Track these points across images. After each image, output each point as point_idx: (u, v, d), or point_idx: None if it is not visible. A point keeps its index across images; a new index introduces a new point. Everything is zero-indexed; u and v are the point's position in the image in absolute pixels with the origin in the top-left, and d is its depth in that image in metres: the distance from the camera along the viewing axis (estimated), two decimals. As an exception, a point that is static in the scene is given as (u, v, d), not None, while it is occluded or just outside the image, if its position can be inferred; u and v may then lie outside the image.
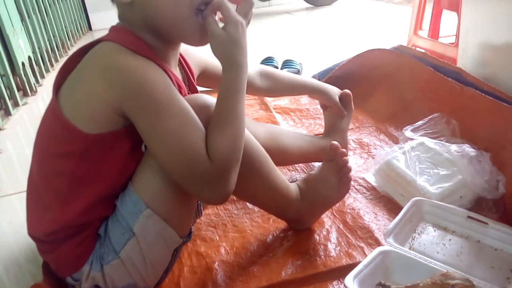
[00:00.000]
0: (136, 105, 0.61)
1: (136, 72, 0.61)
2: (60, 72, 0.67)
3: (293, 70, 1.91)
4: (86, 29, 3.53)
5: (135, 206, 0.66)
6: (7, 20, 1.86)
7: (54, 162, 0.66)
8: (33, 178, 0.70)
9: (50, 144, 0.66)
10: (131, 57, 0.63)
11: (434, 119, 1.09)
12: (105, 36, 0.66)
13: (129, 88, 0.61)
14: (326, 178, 0.85)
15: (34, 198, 0.70)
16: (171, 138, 0.62)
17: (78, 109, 0.63)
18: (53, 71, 2.39)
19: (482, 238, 0.81)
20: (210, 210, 0.98)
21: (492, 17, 1.18)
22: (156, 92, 0.62)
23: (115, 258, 0.67)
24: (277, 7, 3.91)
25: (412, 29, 1.86)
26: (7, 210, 1.13)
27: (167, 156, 0.63)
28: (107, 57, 0.63)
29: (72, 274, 0.69)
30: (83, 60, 0.65)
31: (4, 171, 1.35)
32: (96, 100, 0.62)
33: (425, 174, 0.94)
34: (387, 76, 1.43)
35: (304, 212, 0.86)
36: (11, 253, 0.94)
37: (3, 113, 1.74)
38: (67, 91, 0.65)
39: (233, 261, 0.83)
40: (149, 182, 0.67)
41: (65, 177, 0.65)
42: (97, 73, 0.62)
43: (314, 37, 2.73)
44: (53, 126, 0.65)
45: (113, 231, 0.67)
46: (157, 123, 0.62)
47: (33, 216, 0.70)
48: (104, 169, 0.66)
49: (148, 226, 0.66)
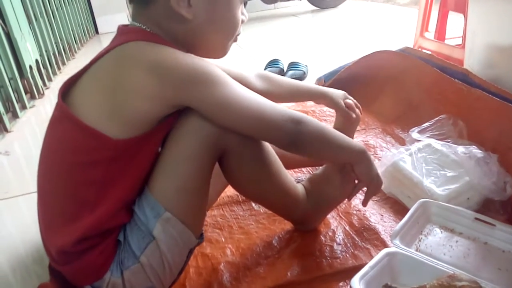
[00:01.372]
0: (196, 87, 0.65)
1: (180, 60, 0.64)
2: (67, 83, 0.68)
3: (299, 72, 1.92)
4: (93, 32, 3.56)
5: (153, 210, 0.67)
6: (15, 23, 1.88)
7: (81, 171, 0.64)
8: (52, 190, 0.67)
9: (73, 155, 0.65)
10: (168, 49, 0.65)
11: (440, 121, 1.09)
12: (125, 37, 0.66)
13: (182, 77, 0.64)
14: (330, 177, 0.86)
15: (54, 211, 0.67)
16: (246, 100, 0.68)
17: (109, 115, 0.63)
18: (60, 74, 2.41)
19: (489, 240, 0.80)
20: (216, 211, 0.98)
21: (499, 18, 1.18)
22: (208, 68, 0.66)
23: (135, 263, 0.67)
24: (283, 9, 3.92)
25: (418, 31, 1.86)
26: (15, 212, 1.14)
27: (246, 119, 0.68)
28: (147, 54, 0.64)
29: (94, 283, 0.68)
30: (109, 65, 0.65)
31: (12, 173, 1.36)
32: (143, 99, 0.63)
33: (432, 176, 0.94)
34: (394, 78, 1.42)
35: (310, 212, 0.86)
36: (18, 254, 0.95)
37: (11, 116, 1.75)
38: (88, 99, 0.65)
39: (239, 262, 0.83)
40: (165, 185, 0.68)
41: (94, 186, 0.64)
42: (142, 73, 0.62)
43: (320, 39, 2.73)
44: (75, 136, 0.64)
45: (132, 236, 0.68)
46: (227, 91, 0.66)
47: (54, 229, 0.67)
48: (130, 174, 0.66)
49: (167, 229, 0.67)
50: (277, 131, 0.69)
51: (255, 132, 0.70)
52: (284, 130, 0.69)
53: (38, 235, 0.96)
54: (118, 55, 0.65)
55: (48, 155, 0.68)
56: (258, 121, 0.68)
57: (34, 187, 0.71)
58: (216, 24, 0.71)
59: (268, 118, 0.68)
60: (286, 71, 1.95)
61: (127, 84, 0.63)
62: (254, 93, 0.70)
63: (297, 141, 0.70)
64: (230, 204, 1.01)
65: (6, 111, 1.70)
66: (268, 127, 0.69)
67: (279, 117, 0.69)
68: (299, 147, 0.72)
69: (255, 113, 0.68)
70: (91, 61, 0.67)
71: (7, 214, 1.13)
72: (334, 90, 1.01)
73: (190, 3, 0.67)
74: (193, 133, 0.68)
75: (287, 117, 0.69)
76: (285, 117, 0.69)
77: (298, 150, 0.74)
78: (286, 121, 0.69)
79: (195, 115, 0.67)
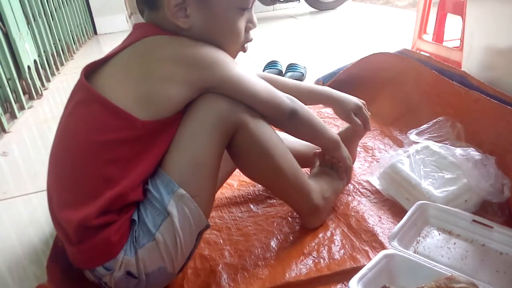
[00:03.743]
0: (217, 68, 0.72)
1: (199, 48, 0.71)
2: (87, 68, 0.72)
3: (298, 74, 1.92)
4: (91, 33, 3.55)
5: (168, 187, 0.69)
6: (13, 23, 1.88)
7: (106, 150, 0.67)
8: (71, 169, 0.69)
9: (98, 134, 0.67)
10: (186, 40, 0.72)
11: (439, 123, 1.09)
12: (144, 32, 0.72)
13: (204, 60, 0.71)
14: (326, 171, 0.95)
15: (74, 188, 0.68)
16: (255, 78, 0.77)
17: (139, 100, 0.68)
18: (59, 75, 2.41)
19: (487, 242, 0.81)
20: (214, 213, 0.98)
21: (497, 20, 1.18)
22: (223, 54, 0.74)
23: (150, 240, 0.68)
24: (281, 11, 3.93)
25: (416, 33, 1.86)
26: (12, 212, 1.13)
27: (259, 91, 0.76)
28: (172, 47, 0.71)
29: (106, 263, 0.68)
30: (136, 56, 0.71)
31: (10, 173, 1.36)
32: (172, 85, 0.69)
33: (430, 178, 0.94)
34: (392, 79, 1.43)
35: (320, 203, 0.88)
36: (16, 255, 0.94)
37: (9, 116, 1.75)
38: (116, 84, 0.69)
39: (237, 264, 0.83)
40: (179, 160, 0.71)
41: (118, 163, 0.67)
42: (169, 64, 0.69)
43: (319, 41, 2.74)
44: (102, 116, 0.67)
45: (147, 214, 0.69)
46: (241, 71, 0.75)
47: (74, 205, 0.67)
48: (152, 152, 0.70)
49: (181, 206, 0.69)
50: (281, 104, 0.79)
51: (265, 104, 0.77)
52: (286, 103, 0.79)
53: (36, 236, 0.96)
54: (143, 48, 0.70)
55: (69, 134, 0.70)
56: (266, 94, 0.77)
57: (32, 188, 0.71)
58: (214, 35, 0.75)
59: (274, 92, 0.79)
60: (285, 73, 1.95)
61: (156, 72, 0.68)
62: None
63: (294, 114, 0.80)
64: (228, 206, 1.01)
65: (4, 112, 1.70)
66: (274, 100, 0.78)
67: (279, 93, 0.80)
68: (295, 120, 0.81)
69: (264, 87, 0.77)
70: (111, 53, 0.73)
71: (5, 215, 1.12)
72: (346, 97, 0.96)
73: (187, 14, 0.71)
74: (207, 109, 0.72)
75: (285, 95, 0.80)
76: (284, 95, 0.80)
77: (293, 123, 0.82)
78: (285, 97, 0.80)
79: (208, 93, 0.73)
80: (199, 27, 0.73)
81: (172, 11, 0.70)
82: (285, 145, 0.82)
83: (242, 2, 0.75)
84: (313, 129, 0.86)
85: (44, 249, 0.78)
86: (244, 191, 1.06)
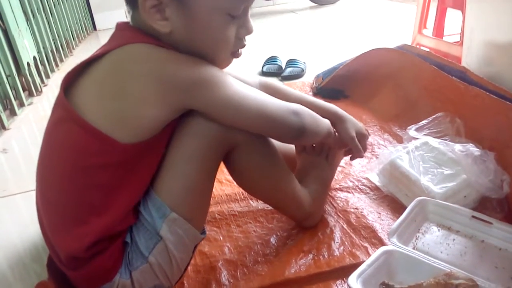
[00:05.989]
0: (199, 91, 0.64)
1: (181, 64, 0.64)
2: (66, 80, 0.65)
3: (297, 69, 1.92)
4: (91, 29, 3.55)
5: (159, 211, 0.67)
6: (12, 20, 1.87)
7: (87, 174, 0.63)
8: (55, 192, 0.66)
9: (78, 157, 0.63)
10: (168, 52, 0.64)
11: (438, 118, 1.09)
12: (125, 38, 0.65)
13: (184, 82, 0.63)
14: (314, 162, 0.93)
15: (59, 214, 0.65)
16: (251, 98, 0.68)
17: (115, 120, 0.62)
18: (58, 71, 2.41)
19: (486, 238, 0.81)
20: (214, 208, 0.98)
21: (497, 15, 1.17)
22: (210, 71, 0.66)
23: (144, 263, 0.67)
24: (281, 6, 3.91)
25: (416, 28, 1.86)
26: (12, 210, 1.14)
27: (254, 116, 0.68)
28: (150, 62, 0.62)
29: (103, 285, 0.67)
30: (113, 69, 0.63)
31: (10, 170, 1.36)
32: (147, 106, 0.62)
33: (429, 174, 0.94)
34: (391, 75, 1.42)
35: (313, 202, 0.87)
36: (16, 252, 0.95)
37: (9, 113, 1.75)
38: (93, 102, 0.63)
39: (237, 260, 0.83)
40: (171, 185, 0.68)
41: (100, 189, 0.63)
42: (145, 81, 0.61)
43: (318, 36, 2.73)
44: (81, 138, 0.62)
45: (139, 237, 0.68)
46: (230, 91, 0.66)
47: (62, 232, 0.65)
48: (137, 177, 0.66)
49: (174, 228, 0.67)
50: (284, 126, 0.71)
51: (263, 129, 0.72)
52: (290, 125, 0.71)
53: (36, 234, 0.96)
54: (118, 59, 0.63)
55: (50, 156, 0.67)
56: (264, 118, 0.69)
57: (32, 185, 0.70)
58: (198, 42, 0.67)
59: (274, 114, 0.70)
60: (284, 68, 1.95)
61: (130, 90, 0.62)
62: (255, 91, 0.71)
63: (302, 134, 0.73)
64: (228, 202, 1.01)
65: (3, 109, 1.70)
66: (274, 123, 0.70)
67: (283, 111, 0.71)
68: (302, 138, 0.75)
69: (260, 111, 0.69)
70: (92, 57, 0.65)
71: (5, 212, 1.13)
72: (354, 119, 0.91)
73: (165, 16, 0.64)
74: (198, 133, 0.68)
75: (289, 110, 0.71)
76: (288, 111, 0.71)
77: (300, 141, 0.79)
78: (289, 115, 0.71)
79: (199, 115, 0.67)
80: (181, 32, 0.65)
81: (148, 12, 0.63)
82: (281, 158, 0.80)
83: (230, 7, 0.66)
84: (318, 136, 0.79)
85: (45, 247, 0.78)
86: (243, 188, 1.06)
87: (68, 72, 0.65)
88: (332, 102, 0.90)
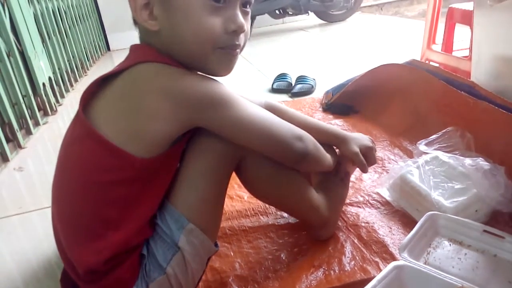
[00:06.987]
0: (208, 110, 0.67)
1: (191, 84, 0.67)
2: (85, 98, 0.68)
3: (307, 86, 1.93)
4: (104, 49, 3.63)
5: (177, 222, 0.69)
6: (29, 42, 1.93)
7: (103, 190, 0.65)
8: (71, 208, 0.67)
9: (95, 173, 0.65)
10: (178, 72, 0.67)
11: (448, 133, 1.09)
12: (137, 57, 0.68)
13: (194, 101, 0.66)
14: (330, 180, 0.93)
15: (77, 229, 0.67)
16: (257, 119, 0.71)
17: (130, 136, 0.65)
18: (73, 91, 2.46)
19: (498, 252, 0.80)
20: (225, 224, 0.99)
21: (505, 30, 1.18)
22: (219, 90, 0.68)
23: (161, 274, 0.69)
24: (291, 24, 3.96)
25: (425, 43, 1.87)
26: (28, 226, 1.16)
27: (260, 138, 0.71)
28: (160, 79, 0.65)
29: None
30: (126, 87, 0.66)
31: (25, 188, 1.38)
32: (159, 121, 0.65)
33: (440, 188, 0.94)
34: (401, 90, 1.43)
35: (329, 215, 0.88)
36: (30, 268, 0.96)
37: (24, 132, 1.79)
38: (109, 118, 0.66)
39: (248, 276, 0.83)
40: (188, 198, 0.71)
41: (116, 204, 0.65)
42: (156, 97, 0.64)
43: (328, 52, 2.75)
44: (98, 154, 0.65)
45: (157, 249, 0.69)
46: (238, 112, 0.69)
47: (80, 247, 0.66)
48: (152, 191, 0.68)
49: (191, 239, 0.69)
50: (287, 151, 0.74)
51: (267, 149, 0.74)
52: (293, 150, 0.74)
53: (50, 250, 0.98)
54: (132, 78, 0.66)
55: (67, 172, 0.69)
56: (271, 140, 0.72)
57: (47, 202, 0.72)
58: (182, 36, 0.68)
59: (280, 137, 0.73)
60: (294, 85, 1.97)
61: (143, 107, 0.65)
62: (263, 111, 0.73)
63: (304, 159, 0.76)
64: (238, 218, 1.02)
65: (20, 128, 1.74)
66: (278, 147, 0.73)
67: (288, 136, 0.73)
68: (303, 164, 0.77)
69: (267, 133, 0.72)
70: (108, 73, 0.68)
71: (21, 229, 1.15)
72: (356, 136, 0.93)
73: (154, 15, 0.68)
74: (211, 149, 0.72)
75: (294, 135, 0.74)
76: (293, 136, 0.74)
77: (301, 166, 0.79)
78: (294, 140, 0.74)
79: (208, 131, 0.70)
80: (167, 28, 0.68)
81: (140, 13, 0.67)
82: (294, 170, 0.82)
83: None
84: (319, 165, 0.83)
85: (58, 262, 0.79)
86: (254, 204, 1.06)
87: (84, 91, 0.68)
88: (342, 118, 0.91)
